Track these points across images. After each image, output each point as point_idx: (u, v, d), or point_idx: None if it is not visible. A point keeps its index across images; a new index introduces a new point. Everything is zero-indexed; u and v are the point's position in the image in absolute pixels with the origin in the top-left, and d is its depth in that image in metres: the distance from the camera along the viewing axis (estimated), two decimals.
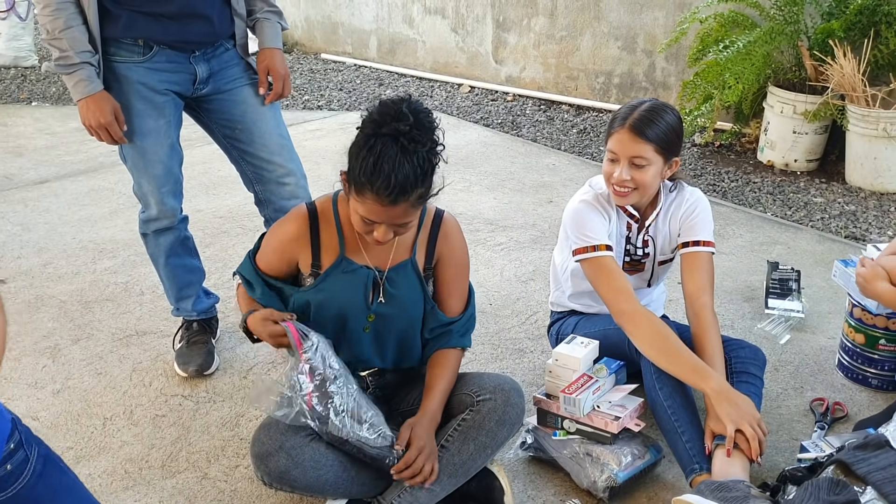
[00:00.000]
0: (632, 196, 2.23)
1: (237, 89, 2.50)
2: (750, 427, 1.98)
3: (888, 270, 2.14)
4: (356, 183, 1.78)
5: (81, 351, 2.85)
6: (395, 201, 1.76)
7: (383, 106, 1.80)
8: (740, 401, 2.03)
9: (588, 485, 2.07)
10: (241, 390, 2.59)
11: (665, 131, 2.17)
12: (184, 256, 2.67)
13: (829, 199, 4.00)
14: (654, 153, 2.17)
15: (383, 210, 1.78)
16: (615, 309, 2.19)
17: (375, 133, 1.76)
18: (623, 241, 2.36)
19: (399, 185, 1.73)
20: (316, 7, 7.33)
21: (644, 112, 2.17)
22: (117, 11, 2.28)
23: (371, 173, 1.74)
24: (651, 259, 2.40)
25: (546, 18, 5.67)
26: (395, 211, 1.78)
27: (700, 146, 4.74)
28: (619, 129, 2.19)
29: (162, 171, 2.47)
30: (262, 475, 1.94)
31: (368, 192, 1.76)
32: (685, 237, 2.32)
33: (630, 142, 2.16)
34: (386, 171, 1.72)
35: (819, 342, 2.77)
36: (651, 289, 2.49)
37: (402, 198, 1.76)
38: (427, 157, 1.78)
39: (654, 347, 2.12)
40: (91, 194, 4.31)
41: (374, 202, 1.77)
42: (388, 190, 1.73)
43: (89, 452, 2.35)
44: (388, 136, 1.74)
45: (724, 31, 4.42)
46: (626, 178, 2.18)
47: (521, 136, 5.18)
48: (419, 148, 1.76)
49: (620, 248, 2.36)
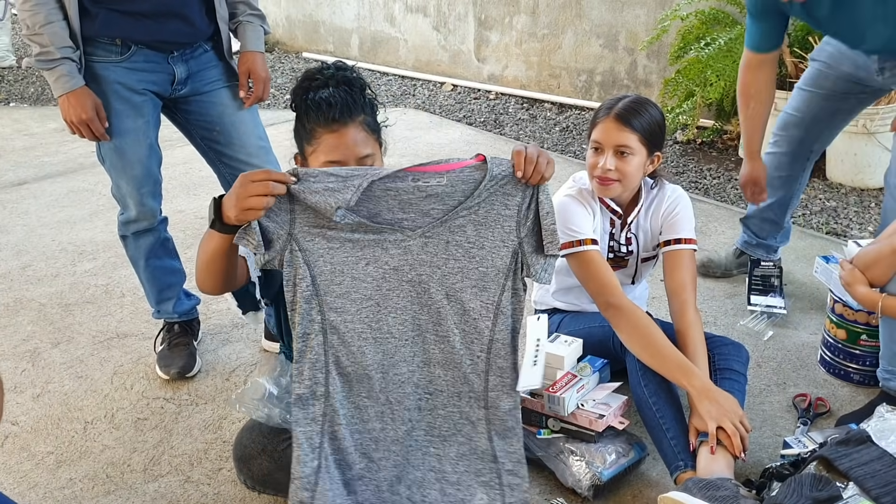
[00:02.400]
0: (615, 188, 2.24)
1: (215, 91, 2.49)
2: (731, 424, 1.98)
3: (861, 269, 2.16)
4: (305, 133, 1.82)
5: (61, 354, 2.82)
6: (343, 121, 1.77)
7: (305, 71, 1.87)
8: (722, 398, 2.03)
9: (573, 483, 2.07)
10: (223, 392, 2.58)
11: (650, 122, 2.20)
12: (164, 258, 2.65)
13: (811, 195, 4.02)
14: (639, 143, 2.19)
15: (338, 140, 1.78)
16: (602, 302, 2.19)
17: (305, 88, 1.82)
18: (607, 238, 2.36)
19: (339, 104, 1.77)
20: (297, 6, 7.30)
21: (629, 103, 2.20)
22: (95, 10, 2.27)
23: (311, 109, 1.79)
24: (634, 256, 2.40)
25: (528, 16, 5.67)
26: (349, 137, 1.78)
27: (682, 143, 4.76)
28: (603, 119, 2.20)
29: (141, 171, 2.45)
30: (245, 478, 1.93)
31: (318, 128, 1.79)
32: (667, 235, 2.33)
33: (615, 130, 2.18)
34: (325, 97, 1.78)
35: (801, 338, 2.79)
36: (634, 286, 2.49)
37: (348, 117, 1.78)
38: (359, 86, 1.83)
39: (639, 343, 2.12)
40: (70, 196, 4.27)
41: (325, 131, 1.78)
42: (331, 110, 1.77)
43: (70, 457, 2.32)
44: (317, 85, 1.80)
45: (705, 28, 4.43)
46: (611, 168, 2.19)
47: (503, 134, 5.17)
48: (350, 82, 1.82)
49: (604, 245, 2.36)
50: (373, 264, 1.72)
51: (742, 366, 2.24)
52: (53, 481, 2.23)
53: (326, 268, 1.70)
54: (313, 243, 1.69)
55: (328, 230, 1.69)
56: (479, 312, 1.78)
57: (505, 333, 1.80)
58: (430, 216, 1.72)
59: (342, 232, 1.69)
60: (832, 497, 1.75)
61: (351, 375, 1.76)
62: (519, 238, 1.76)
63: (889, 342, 2.29)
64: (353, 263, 1.71)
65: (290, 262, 1.69)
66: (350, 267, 1.71)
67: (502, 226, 1.75)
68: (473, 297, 1.76)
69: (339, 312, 1.73)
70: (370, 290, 1.74)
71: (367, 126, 1.82)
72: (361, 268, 1.72)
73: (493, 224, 1.75)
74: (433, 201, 1.71)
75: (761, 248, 3.14)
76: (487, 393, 1.81)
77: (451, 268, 1.75)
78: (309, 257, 1.69)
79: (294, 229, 1.68)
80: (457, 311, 1.77)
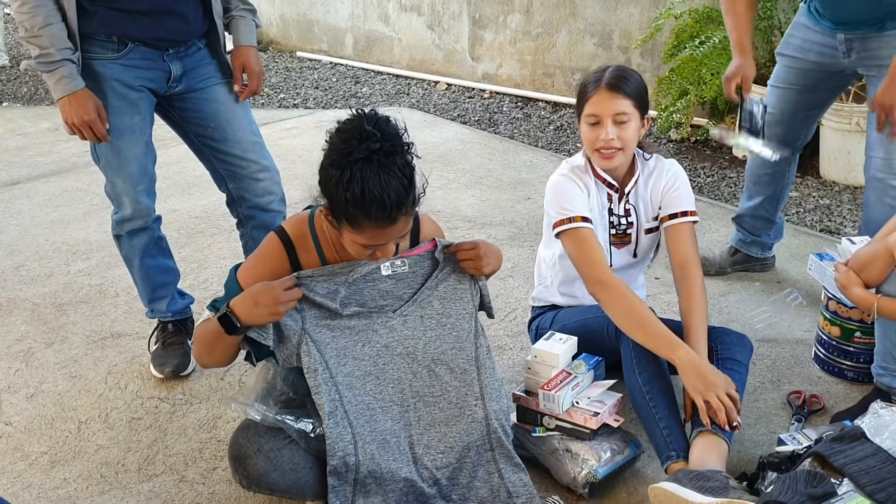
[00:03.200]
0: (617, 157, 2.26)
1: (210, 88, 2.49)
2: (717, 398, 1.99)
3: (856, 271, 2.17)
4: (348, 216, 1.74)
5: (55, 354, 2.81)
6: (394, 220, 1.74)
7: (344, 132, 1.74)
8: (708, 371, 2.05)
9: (568, 481, 2.07)
10: (218, 392, 2.57)
11: (637, 85, 2.25)
12: (158, 257, 2.64)
13: (804, 193, 4.03)
14: (633, 108, 2.23)
15: (385, 232, 1.76)
16: (590, 277, 2.21)
17: (348, 161, 1.69)
18: (606, 214, 2.36)
19: (394, 204, 1.71)
20: (291, 5, 7.29)
21: (614, 71, 2.25)
22: (92, 8, 2.27)
23: (362, 203, 1.69)
24: (635, 228, 2.39)
25: (522, 15, 5.67)
26: (396, 228, 1.77)
27: (676, 142, 4.76)
28: (595, 92, 2.23)
29: (137, 169, 2.45)
30: (241, 478, 1.93)
31: (366, 222, 1.73)
32: (668, 209, 2.35)
33: (610, 99, 2.21)
34: (378, 196, 1.68)
35: (795, 335, 2.79)
36: (636, 263, 2.46)
37: (399, 213, 1.74)
38: (406, 164, 1.75)
39: (626, 317, 2.15)
40: (64, 195, 4.25)
41: (375, 228, 1.74)
42: (386, 212, 1.71)
43: (64, 457, 2.31)
44: (362, 161, 1.68)
45: (699, 26, 4.43)
46: (613, 137, 2.21)
47: (498, 133, 5.17)
48: (397, 160, 1.72)
49: (605, 222, 2.37)
50: (368, 345, 1.96)
51: (745, 356, 2.24)
52: (47, 481, 2.22)
53: (333, 353, 1.92)
54: (321, 334, 1.91)
55: (331, 321, 1.92)
56: (464, 368, 2.02)
57: (491, 380, 2.03)
58: (403, 298, 1.97)
59: (341, 321, 1.93)
60: (827, 493, 1.76)
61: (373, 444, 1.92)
62: (475, 306, 2.05)
63: (884, 339, 2.30)
64: (352, 346, 1.94)
65: (307, 353, 1.90)
66: (350, 349, 1.94)
67: (461, 297, 2.03)
68: (455, 356, 2.02)
69: (350, 388, 1.93)
70: (369, 366, 1.96)
71: (412, 207, 1.79)
72: (359, 349, 1.95)
73: (453, 297, 2.02)
74: (403, 286, 1.97)
75: (755, 246, 3.15)
76: (490, 436, 2.01)
77: (429, 337, 2.00)
78: (320, 347, 1.91)
79: (306, 325, 1.90)
80: (445, 371, 2.01)
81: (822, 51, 2.69)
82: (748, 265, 3.19)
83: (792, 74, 2.82)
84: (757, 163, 3.00)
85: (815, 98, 2.84)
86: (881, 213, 2.55)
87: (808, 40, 2.73)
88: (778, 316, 2.89)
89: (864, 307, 2.21)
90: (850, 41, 2.60)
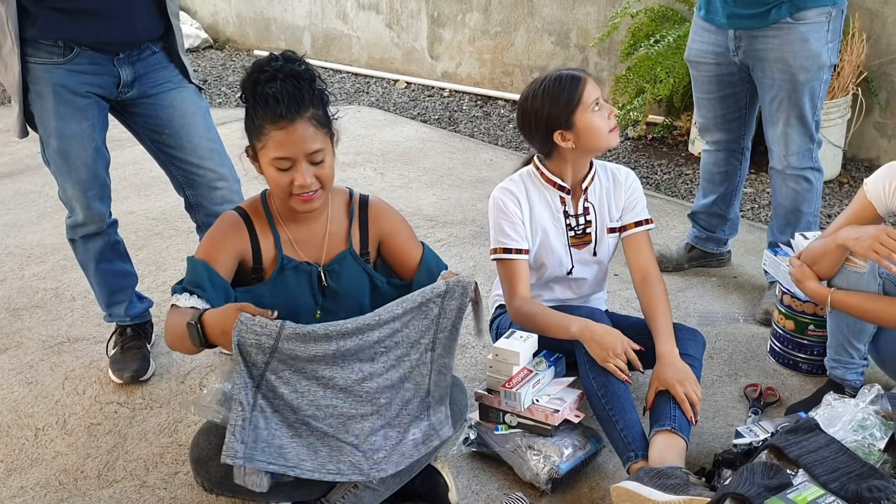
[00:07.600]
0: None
1: (164, 94, 2.43)
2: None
3: (809, 264, 2.22)
4: (254, 129, 1.81)
5: (10, 360, 2.76)
6: (291, 118, 1.76)
7: (253, 63, 1.84)
8: (600, 333, 2.13)
9: (531, 477, 2.09)
10: (178, 395, 2.54)
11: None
12: (114, 261, 2.61)
13: (759, 189, 4.11)
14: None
15: (287, 136, 1.77)
16: (511, 305, 2.32)
17: (254, 81, 1.79)
18: (562, 217, 2.38)
19: (287, 97, 1.76)
20: (248, 3, 7.22)
21: (576, 70, 2.29)
22: (36, 11, 2.21)
23: (260, 103, 1.77)
24: (594, 227, 2.40)
25: (480, 14, 5.69)
26: (297, 134, 1.77)
27: (633, 140, 4.82)
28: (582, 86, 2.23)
29: (87, 175, 2.40)
30: (203, 481, 1.91)
31: (266, 123, 1.78)
32: (628, 219, 2.39)
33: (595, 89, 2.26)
34: (272, 93, 1.76)
35: (751, 329, 2.85)
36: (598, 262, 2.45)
37: (296, 113, 1.76)
38: (308, 79, 1.81)
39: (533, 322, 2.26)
40: (17, 198, 4.17)
41: (274, 128, 1.77)
42: (279, 105, 1.75)
43: (21, 465, 2.28)
44: (265, 79, 1.78)
45: (655, 25, 4.49)
46: (616, 112, 2.31)
47: (458, 131, 5.19)
48: (299, 75, 1.80)
49: (561, 226, 2.37)
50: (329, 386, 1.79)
51: (698, 351, 2.29)
52: (4, 490, 2.19)
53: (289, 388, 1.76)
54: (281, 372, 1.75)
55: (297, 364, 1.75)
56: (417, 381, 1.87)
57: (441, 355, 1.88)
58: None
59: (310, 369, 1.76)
60: (783, 484, 1.80)
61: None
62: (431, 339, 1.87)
63: (836, 332, 2.35)
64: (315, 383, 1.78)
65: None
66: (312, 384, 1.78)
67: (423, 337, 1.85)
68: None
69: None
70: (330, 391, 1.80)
71: (317, 120, 1.81)
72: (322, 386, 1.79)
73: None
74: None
75: (711, 242, 3.20)
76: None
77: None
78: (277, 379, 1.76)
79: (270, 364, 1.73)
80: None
81: (716, 51, 2.79)
82: (704, 261, 3.25)
83: (704, 83, 2.91)
84: (710, 160, 3.06)
85: (736, 100, 2.92)
86: (786, 197, 2.84)
87: (705, 42, 2.83)
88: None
89: (818, 300, 2.26)
90: (740, 38, 2.70)
